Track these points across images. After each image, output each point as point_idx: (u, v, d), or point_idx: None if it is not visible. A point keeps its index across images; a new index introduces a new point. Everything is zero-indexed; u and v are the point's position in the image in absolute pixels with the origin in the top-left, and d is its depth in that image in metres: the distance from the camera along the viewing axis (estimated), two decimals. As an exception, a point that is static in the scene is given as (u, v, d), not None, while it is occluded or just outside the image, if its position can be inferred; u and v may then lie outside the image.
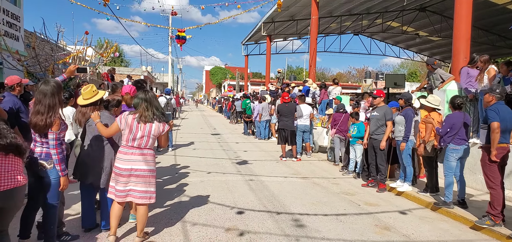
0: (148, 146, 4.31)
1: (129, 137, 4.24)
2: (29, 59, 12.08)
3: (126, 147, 4.27)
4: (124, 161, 4.23)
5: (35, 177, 3.93)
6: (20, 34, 12.81)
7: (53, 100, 3.83)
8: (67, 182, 3.99)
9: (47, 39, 12.91)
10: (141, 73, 41.17)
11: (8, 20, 12.03)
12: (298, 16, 25.70)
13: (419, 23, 26.07)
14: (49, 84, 3.89)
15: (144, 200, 4.33)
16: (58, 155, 3.84)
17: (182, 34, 22.18)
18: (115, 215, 4.35)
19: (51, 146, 3.82)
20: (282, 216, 5.82)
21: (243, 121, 19.99)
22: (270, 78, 31.99)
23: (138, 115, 4.24)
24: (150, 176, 4.34)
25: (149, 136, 4.27)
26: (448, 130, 6.18)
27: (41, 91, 3.84)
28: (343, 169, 9.50)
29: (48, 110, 3.78)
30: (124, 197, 4.31)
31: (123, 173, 4.22)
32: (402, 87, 16.68)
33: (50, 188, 3.90)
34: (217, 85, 72.80)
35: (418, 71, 59.29)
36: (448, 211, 6.14)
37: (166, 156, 11.06)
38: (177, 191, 7.14)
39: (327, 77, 62.61)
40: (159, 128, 4.31)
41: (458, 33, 9.40)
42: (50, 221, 3.98)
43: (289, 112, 11.02)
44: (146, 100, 4.26)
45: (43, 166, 3.84)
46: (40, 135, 3.85)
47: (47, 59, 11.99)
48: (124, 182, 4.25)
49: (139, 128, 4.23)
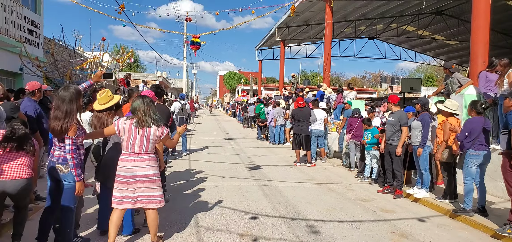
0: (149, 150, 4.28)
1: (129, 142, 4.22)
2: (48, 65, 12.33)
3: (127, 153, 4.24)
4: (127, 168, 4.20)
5: (54, 181, 3.99)
6: (40, 41, 13.07)
7: (70, 106, 3.88)
8: (82, 186, 4.03)
9: (65, 46, 13.17)
10: (156, 78, 41.58)
11: (29, 28, 12.27)
12: (312, 21, 25.62)
13: (436, 27, 25.73)
14: (68, 91, 3.95)
15: (153, 204, 4.31)
16: (73, 160, 3.88)
17: (197, 40, 22.33)
18: (114, 224, 4.26)
19: (67, 151, 3.87)
20: (297, 222, 5.76)
21: (257, 125, 19.96)
22: (284, 83, 31.92)
23: (135, 120, 4.23)
24: (156, 180, 4.32)
25: (149, 141, 4.24)
26: (466, 134, 6.04)
27: (60, 97, 3.91)
28: (359, 175, 9.38)
29: (65, 116, 3.83)
30: (134, 204, 4.28)
31: (129, 181, 4.20)
32: (418, 92, 16.41)
33: (66, 191, 3.95)
34: (231, 90, 73.03)
35: (435, 76, 58.52)
36: (467, 219, 5.99)
37: (180, 160, 11.10)
38: (191, 195, 7.14)
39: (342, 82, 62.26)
40: (158, 132, 4.29)
41: (476, 37, 9.23)
42: (66, 224, 4.03)
43: (303, 117, 10.95)
44: (144, 105, 4.25)
45: (60, 169, 3.90)
46: (58, 139, 3.90)
47: (65, 65, 12.23)
48: (132, 189, 4.23)
49: (138, 133, 4.21)
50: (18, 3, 11.52)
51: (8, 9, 10.71)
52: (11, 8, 10.92)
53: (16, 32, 11.19)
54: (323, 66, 19.85)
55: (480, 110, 6.15)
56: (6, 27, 10.55)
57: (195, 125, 28.33)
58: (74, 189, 3.96)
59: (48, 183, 4.08)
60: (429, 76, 59.80)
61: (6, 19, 10.58)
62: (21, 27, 11.63)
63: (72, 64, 12.37)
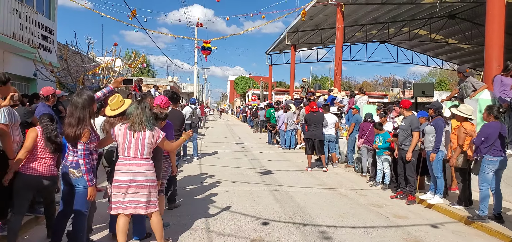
0: (145, 154, 4.20)
1: (124, 146, 4.18)
2: (61, 70, 12.47)
3: (123, 158, 4.19)
4: (123, 172, 4.14)
5: (67, 185, 4.03)
6: (53, 47, 13.23)
7: (83, 113, 3.93)
8: (94, 191, 4.05)
9: (78, 51, 13.30)
10: (168, 83, 41.82)
11: (43, 34, 12.44)
12: (323, 25, 25.56)
13: (448, 30, 25.46)
14: (81, 97, 4.00)
15: (143, 210, 4.20)
16: (85, 165, 3.90)
17: (208, 45, 22.36)
18: (121, 231, 4.19)
19: (79, 156, 3.90)
20: (308, 228, 5.71)
21: (267, 130, 19.93)
22: (294, 87, 31.87)
23: (129, 124, 4.20)
24: (150, 186, 4.21)
25: (144, 144, 4.18)
26: (483, 139, 5.93)
27: (74, 103, 3.97)
28: (371, 180, 9.28)
29: (78, 123, 3.88)
30: (124, 209, 4.16)
31: (122, 185, 4.12)
32: (431, 96, 16.28)
33: (79, 196, 3.98)
34: (241, 95, 73.16)
35: (447, 80, 57.92)
36: (483, 226, 5.87)
37: (191, 165, 11.12)
38: (202, 200, 7.13)
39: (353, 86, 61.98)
40: (154, 136, 4.23)
41: (491, 40, 9.10)
42: (79, 228, 4.06)
43: (317, 121, 10.89)
44: (137, 109, 4.23)
45: (72, 173, 3.94)
46: (73, 144, 3.95)
47: (78, 70, 12.35)
48: (122, 194, 4.14)
49: (133, 137, 4.16)
50: (33, 10, 11.69)
51: (23, 16, 10.88)
52: (26, 14, 11.09)
53: (31, 38, 11.36)
54: (334, 71, 19.77)
55: (497, 115, 6.05)
56: (21, 33, 10.71)
57: (205, 129, 28.39)
58: (86, 193, 3.98)
59: (62, 187, 4.13)
60: (442, 80, 59.24)
61: (21, 25, 10.75)
62: (35, 33, 11.80)
63: (85, 69, 12.49)
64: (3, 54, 10.17)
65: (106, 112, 4.97)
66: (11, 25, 10.14)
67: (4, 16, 9.72)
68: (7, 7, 9.93)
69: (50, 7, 13.47)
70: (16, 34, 10.39)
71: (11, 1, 10.11)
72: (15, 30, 10.40)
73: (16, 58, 10.98)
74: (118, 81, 5.44)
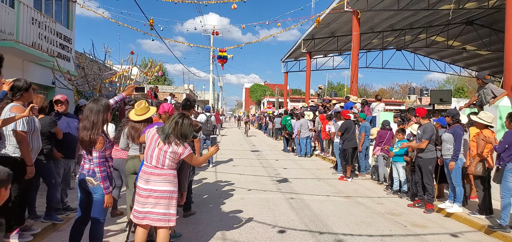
0: (166, 165, 4.05)
1: (148, 152, 4.11)
2: (78, 78, 12.67)
3: (146, 165, 4.11)
4: (144, 181, 4.06)
5: (84, 193, 4.08)
6: (71, 55, 13.47)
7: (97, 117, 3.93)
8: (111, 199, 4.03)
9: (95, 60, 13.52)
10: (183, 91, 42.14)
11: (61, 43, 12.69)
12: (339, 33, 25.46)
13: (466, 37, 25.08)
14: (97, 103, 4.02)
15: (162, 223, 4.03)
16: (101, 173, 3.89)
17: (224, 54, 22.49)
18: (141, 240, 4.13)
19: (94, 164, 3.90)
20: (325, 236, 5.66)
21: (283, 137, 19.88)
22: (310, 95, 31.76)
23: (160, 132, 4.10)
24: (170, 197, 4.06)
25: (165, 156, 4.03)
26: (506, 146, 5.80)
27: (89, 108, 3.99)
28: (388, 188, 9.17)
29: (92, 127, 3.88)
30: (141, 219, 4.04)
31: (142, 193, 4.03)
32: (449, 103, 16.00)
33: (96, 204, 4.00)
34: (256, 102, 73.25)
35: (465, 87, 56.98)
36: (504, 235, 5.73)
37: (207, 172, 11.15)
38: (217, 208, 7.14)
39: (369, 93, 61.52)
40: (178, 150, 4.03)
41: (510, 47, 8.94)
42: (96, 236, 4.08)
43: (353, 129, 10.93)
44: (171, 122, 4.10)
45: (90, 181, 3.96)
46: (87, 151, 3.97)
47: (95, 78, 12.54)
48: (142, 203, 4.03)
49: (157, 145, 4.05)
50: (51, 19, 11.93)
51: (41, 25, 11.10)
52: (45, 23, 11.32)
53: (49, 47, 11.57)
54: (350, 78, 19.66)
55: None
56: (39, 42, 10.92)
57: (221, 137, 28.48)
58: (103, 201, 3.97)
59: (79, 195, 4.15)
60: (460, 87, 58.31)
61: (39, 34, 10.97)
62: (53, 42, 12.02)
63: (102, 78, 12.66)
64: (23, 63, 10.40)
65: (131, 116, 5.01)
66: (31, 35, 10.36)
67: (23, 26, 9.94)
68: (27, 17, 10.16)
69: (68, 16, 13.74)
70: (35, 43, 10.61)
71: (31, 11, 10.35)
72: (34, 39, 10.62)
73: (35, 66, 11.20)
74: (130, 88, 5.47)
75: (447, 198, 7.41)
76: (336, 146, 11.85)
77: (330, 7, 19.30)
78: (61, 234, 5.24)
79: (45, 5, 12.25)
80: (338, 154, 11.49)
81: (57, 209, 5.76)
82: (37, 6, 11.24)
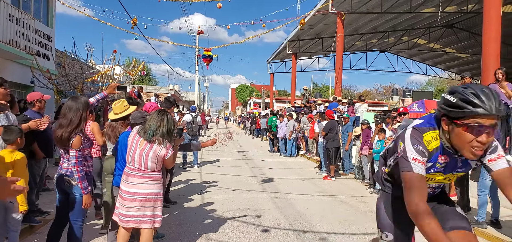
0: (149, 167, 3.83)
1: (129, 154, 3.89)
2: (59, 77, 12.47)
3: (128, 167, 3.90)
4: (128, 184, 3.85)
5: (62, 193, 3.96)
6: (52, 54, 13.26)
7: (76, 115, 3.81)
8: (90, 199, 3.93)
9: (77, 59, 13.31)
10: (168, 91, 41.88)
11: (40, 40, 12.47)
12: (324, 34, 25.72)
13: (447, 40, 25.67)
14: (76, 101, 3.91)
15: (147, 224, 3.86)
16: (79, 173, 3.79)
17: (209, 53, 22.50)
18: (123, 239, 3.99)
19: (72, 163, 3.80)
20: (309, 235, 5.74)
21: (268, 138, 19.96)
22: (295, 96, 31.96)
23: (140, 128, 3.95)
24: (155, 199, 3.88)
25: (147, 158, 3.81)
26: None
27: (67, 106, 3.87)
28: (371, 187, 9.32)
29: (69, 124, 3.78)
30: (126, 223, 3.83)
31: (125, 196, 3.82)
32: (431, 104, 16.32)
33: (74, 204, 3.89)
34: (243, 103, 73.27)
35: (446, 88, 57.90)
36: (481, 231, 5.91)
37: (191, 173, 11.15)
38: (202, 208, 7.17)
39: (353, 95, 62.05)
40: (161, 153, 3.82)
41: (487, 50, 9.23)
42: (74, 237, 3.95)
43: (336, 129, 11.07)
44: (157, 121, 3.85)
45: (68, 181, 3.86)
46: (65, 151, 3.86)
47: (77, 77, 12.34)
48: (126, 206, 3.81)
49: (138, 146, 3.83)
50: (30, 16, 11.73)
51: (19, 22, 10.87)
52: (22, 20, 11.09)
53: (28, 45, 11.35)
54: (334, 79, 19.86)
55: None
56: (17, 39, 10.70)
57: (206, 137, 28.40)
58: (81, 202, 3.87)
59: (57, 196, 4.02)
60: (440, 88, 59.27)
61: (17, 31, 10.74)
62: (32, 40, 11.79)
63: (84, 77, 12.48)
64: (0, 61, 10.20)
65: (109, 116, 4.96)
66: (8, 32, 10.13)
67: (0, 23, 9.74)
68: (4, 13, 9.94)
69: (48, 13, 13.53)
70: (13, 40, 10.40)
71: (8, 7, 10.13)
72: (12, 36, 10.41)
73: (13, 65, 10.95)
74: (112, 87, 5.34)
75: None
76: (320, 146, 12.01)
77: (315, 9, 19.51)
78: (39, 236, 5.17)
79: (24, 2, 12.03)
80: (322, 153, 11.62)
81: (34, 211, 5.59)
82: (15, 3, 11.03)
